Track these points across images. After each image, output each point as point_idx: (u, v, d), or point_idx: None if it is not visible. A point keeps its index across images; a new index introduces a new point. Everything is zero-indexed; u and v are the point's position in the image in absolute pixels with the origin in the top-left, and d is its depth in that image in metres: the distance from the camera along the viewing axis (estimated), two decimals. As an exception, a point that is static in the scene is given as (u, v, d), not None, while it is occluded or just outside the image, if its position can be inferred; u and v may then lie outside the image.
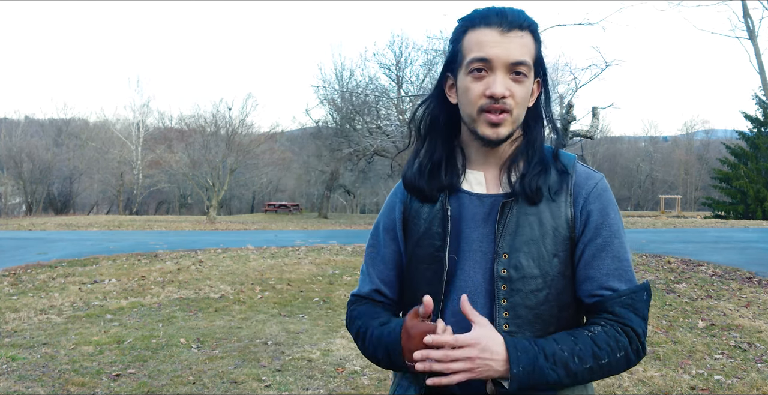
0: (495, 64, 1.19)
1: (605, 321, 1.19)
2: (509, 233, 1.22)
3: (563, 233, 1.23)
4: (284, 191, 52.27)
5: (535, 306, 1.21)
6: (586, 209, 1.24)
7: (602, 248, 1.23)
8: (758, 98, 32.23)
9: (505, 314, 1.21)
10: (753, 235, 16.27)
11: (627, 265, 1.24)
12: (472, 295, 1.23)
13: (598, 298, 1.21)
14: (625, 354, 1.17)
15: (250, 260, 10.83)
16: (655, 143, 60.43)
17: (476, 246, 1.25)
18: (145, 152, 42.63)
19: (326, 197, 34.99)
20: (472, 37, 1.22)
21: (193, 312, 6.67)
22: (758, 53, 13.03)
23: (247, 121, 34.21)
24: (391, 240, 1.37)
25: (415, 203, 1.33)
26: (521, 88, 1.20)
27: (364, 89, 25.04)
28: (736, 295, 7.40)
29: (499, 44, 1.18)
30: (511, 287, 1.21)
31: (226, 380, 4.31)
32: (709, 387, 4.16)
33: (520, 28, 1.20)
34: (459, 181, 1.30)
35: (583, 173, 1.29)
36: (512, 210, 1.23)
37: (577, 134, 7.66)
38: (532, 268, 1.21)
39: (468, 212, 1.27)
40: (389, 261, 1.37)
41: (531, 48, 1.22)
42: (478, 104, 1.20)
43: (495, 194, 1.27)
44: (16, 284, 8.34)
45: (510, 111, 1.20)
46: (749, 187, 32.13)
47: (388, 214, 1.38)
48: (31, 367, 4.59)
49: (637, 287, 1.22)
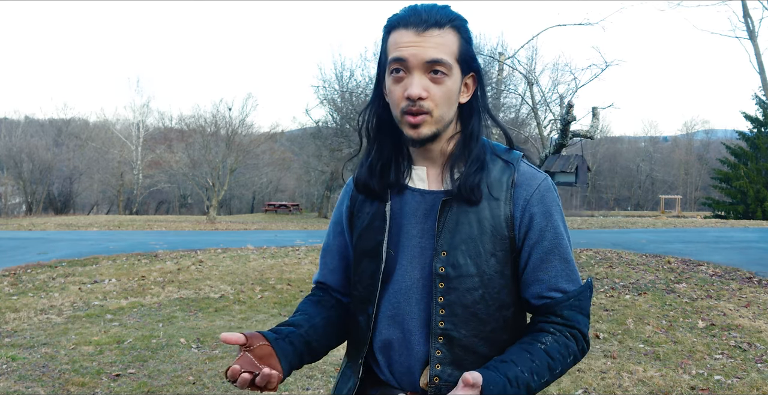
0: (411, 65, 1.18)
1: (554, 327, 1.23)
2: (449, 231, 1.23)
3: (502, 233, 1.23)
4: (284, 191, 52.24)
5: (471, 304, 1.22)
6: (529, 212, 1.24)
7: (550, 251, 1.24)
8: (758, 98, 32.19)
9: (441, 311, 1.22)
10: (753, 235, 16.27)
11: (572, 265, 1.27)
12: (408, 290, 1.25)
13: (547, 300, 1.24)
14: (573, 357, 1.23)
15: (250, 260, 10.83)
16: (655, 143, 60.43)
17: (415, 242, 1.26)
18: (145, 152, 42.63)
19: (326, 197, 34.98)
20: (392, 39, 1.22)
21: (193, 312, 6.67)
22: (758, 53, 13.06)
23: (247, 121, 34.22)
24: (338, 233, 1.41)
25: (360, 197, 1.36)
26: (440, 88, 1.19)
27: (364, 89, 25.02)
28: (736, 295, 7.40)
29: (413, 44, 1.18)
30: (449, 285, 1.21)
31: (226, 380, 4.31)
32: (709, 387, 4.16)
33: (437, 26, 1.18)
34: (404, 177, 1.31)
35: (526, 172, 1.28)
36: (452, 208, 1.24)
37: (577, 134, 7.66)
38: (469, 266, 1.21)
39: (409, 207, 1.29)
40: (335, 253, 1.42)
41: (452, 45, 1.20)
42: (399, 106, 1.21)
43: (437, 190, 1.28)
44: (16, 284, 8.34)
45: (429, 112, 1.20)
46: (749, 187, 32.11)
47: (338, 208, 1.43)
48: (31, 367, 4.59)
49: (582, 288, 1.26)
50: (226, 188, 30.26)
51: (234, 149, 29.69)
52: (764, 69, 12.94)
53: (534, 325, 1.26)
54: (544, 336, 1.22)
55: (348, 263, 1.41)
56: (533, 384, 1.16)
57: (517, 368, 1.16)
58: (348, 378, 1.35)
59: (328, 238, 1.45)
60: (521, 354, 1.18)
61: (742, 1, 13.23)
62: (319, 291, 1.45)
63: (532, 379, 1.16)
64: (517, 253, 1.26)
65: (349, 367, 1.36)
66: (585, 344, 1.25)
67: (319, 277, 1.46)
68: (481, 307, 1.23)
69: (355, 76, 28.35)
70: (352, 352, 1.36)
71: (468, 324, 1.22)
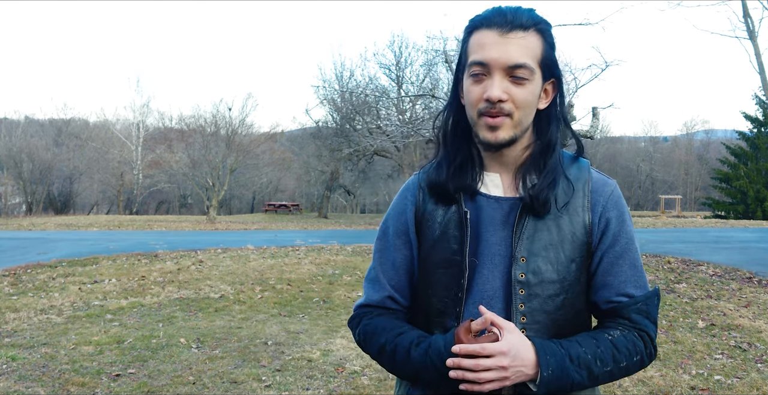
0: (492, 67, 1.16)
1: (623, 326, 1.22)
2: (527, 238, 1.20)
3: (581, 239, 1.22)
4: (284, 191, 52.23)
5: (553, 310, 1.20)
6: (605, 217, 1.24)
7: (620, 256, 1.24)
8: (758, 98, 32.19)
9: (522, 318, 1.19)
10: (753, 235, 16.27)
11: (641, 272, 1.26)
12: (490, 299, 1.21)
13: (615, 304, 1.23)
14: (640, 357, 1.21)
15: (250, 260, 10.83)
16: (655, 143, 60.38)
17: (495, 250, 1.22)
18: (145, 152, 42.61)
19: (326, 197, 34.97)
20: (474, 39, 1.19)
21: (193, 312, 6.67)
22: (758, 53, 13.03)
23: (247, 121, 34.23)
24: (402, 245, 1.32)
25: (429, 206, 1.29)
26: (522, 91, 1.17)
27: (364, 89, 25.03)
28: (736, 295, 7.40)
29: (496, 46, 1.15)
30: (529, 291, 1.19)
31: (226, 380, 4.31)
32: (709, 387, 4.16)
33: (522, 29, 1.16)
34: (476, 183, 1.27)
35: (599, 179, 1.27)
36: (531, 215, 1.22)
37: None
38: (550, 273, 1.20)
39: (486, 215, 1.24)
40: (400, 267, 1.32)
41: (535, 49, 1.18)
42: (477, 107, 1.18)
43: (512, 197, 1.25)
44: (16, 284, 8.34)
45: (510, 114, 1.17)
46: (749, 187, 32.10)
47: (398, 217, 1.33)
48: (31, 367, 4.59)
49: (650, 294, 1.24)
50: (226, 188, 30.26)
51: (234, 149, 29.69)
52: (764, 69, 12.93)
53: (602, 325, 1.26)
54: (612, 330, 1.21)
55: (413, 279, 1.32)
56: (595, 368, 1.14)
57: (581, 348, 1.15)
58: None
59: (387, 250, 1.33)
60: (587, 339, 1.18)
61: (742, 1, 13.22)
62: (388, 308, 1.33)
63: (594, 363, 1.14)
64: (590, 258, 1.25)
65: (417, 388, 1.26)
66: (653, 348, 1.23)
67: (384, 293, 1.32)
68: (561, 314, 1.21)
69: (355, 76, 28.44)
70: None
71: (549, 331, 1.20)
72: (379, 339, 1.26)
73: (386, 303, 1.32)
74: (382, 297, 1.32)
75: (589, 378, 1.15)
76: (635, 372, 1.22)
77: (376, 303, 1.33)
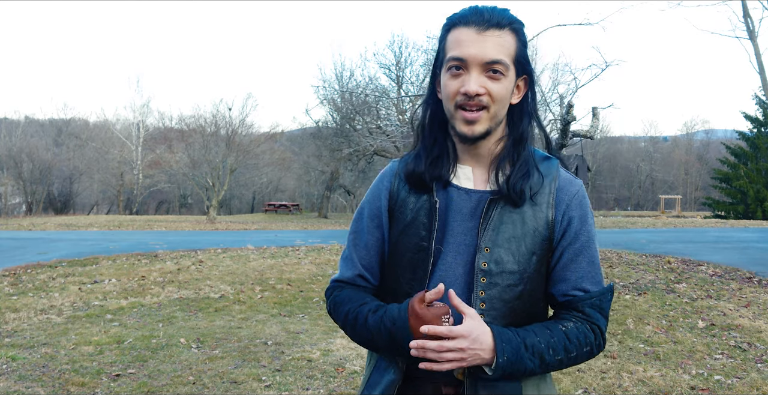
0: (470, 63, 1.23)
1: (576, 319, 1.30)
2: (492, 229, 1.28)
3: (543, 234, 1.29)
4: (284, 191, 52.23)
5: (511, 299, 1.28)
6: (568, 215, 1.31)
7: (579, 253, 1.31)
8: (758, 98, 32.19)
9: (481, 305, 1.27)
10: (753, 235, 16.27)
11: (599, 269, 1.34)
12: (451, 285, 1.28)
13: (571, 298, 1.31)
14: (590, 348, 1.29)
15: (250, 260, 10.83)
16: (655, 143, 60.39)
17: (460, 239, 1.30)
18: (145, 152, 42.61)
19: (326, 197, 34.97)
20: (452, 36, 1.27)
21: (193, 312, 6.67)
22: (758, 53, 13.05)
23: (247, 121, 34.22)
24: (375, 227, 1.40)
25: (402, 193, 1.37)
26: (498, 86, 1.24)
27: (364, 89, 25.02)
28: (736, 295, 7.40)
29: (474, 43, 1.23)
30: (490, 280, 1.27)
31: (226, 380, 4.31)
32: (709, 387, 4.16)
33: (497, 27, 1.24)
34: (449, 175, 1.34)
35: (566, 178, 1.34)
36: (498, 207, 1.29)
37: (577, 134, 7.66)
38: (511, 264, 1.27)
39: (455, 205, 1.32)
40: (371, 248, 1.40)
41: (510, 47, 1.25)
42: (454, 101, 1.25)
43: (482, 190, 1.33)
44: (16, 284, 8.34)
45: (486, 107, 1.24)
46: (749, 187, 32.10)
47: (373, 202, 1.41)
48: (31, 367, 4.59)
49: (605, 290, 1.33)
50: (226, 188, 30.25)
51: (234, 149, 29.68)
52: (764, 69, 12.94)
53: (556, 316, 1.34)
54: (566, 322, 1.29)
55: (383, 260, 1.40)
56: (547, 357, 1.22)
57: (536, 337, 1.23)
58: (383, 370, 1.34)
59: (361, 232, 1.41)
60: (542, 329, 1.26)
61: (742, 1, 13.22)
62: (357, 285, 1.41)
63: (547, 352, 1.22)
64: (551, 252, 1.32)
65: (384, 359, 1.34)
66: (602, 340, 1.31)
67: (355, 271, 1.41)
68: (518, 303, 1.29)
69: (355, 76, 28.36)
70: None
71: (506, 318, 1.28)
72: (344, 307, 1.36)
73: (356, 281, 1.41)
74: (353, 274, 1.41)
75: (540, 366, 1.22)
76: (583, 361, 1.31)
77: (348, 280, 1.42)
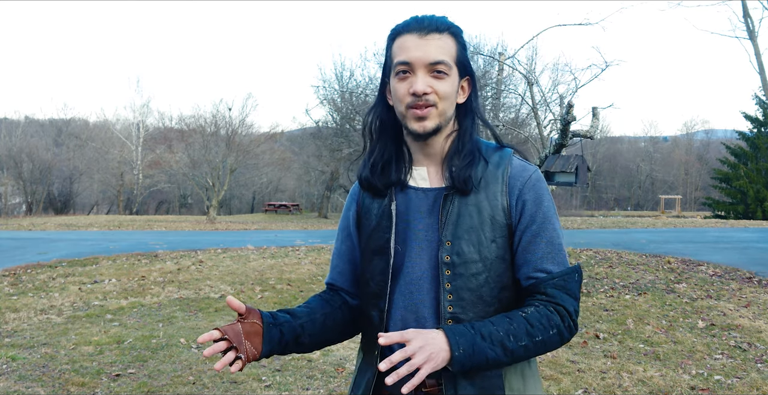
0: (416, 65, 1.31)
1: (539, 302, 1.31)
2: (452, 223, 1.34)
3: (500, 221, 1.35)
4: (284, 191, 52.23)
5: (477, 288, 1.32)
6: (522, 199, 1.36)
7: (536, 234, 1.34)
8: (758, 98, 32.17)
9: (449, 296, 1.31)
10: (753, 235, 16.26)
11: (560, 249, 1.36)
12: (418, 280, 1.35)
13: (533, 280, 1.33)
14: (557, 331, 1.29)
15: (250, 260, 10.83)
16: (655, 143, 60.41)
17: (422, 236, 1.36)
18: (145, 152, 42.61)
19: (326, 197, 34.97)
20: (397, 44, 1.36)
21: (193, 312, 6.67)
22: (758, 53, 13.06)
23: (247, 121, 34.25)
24: (345, 238, 1.52)
25: (366, 201, 1.46)
26: (443, 84, 1.32)
27: (364, 89, 25.01)
28: (736, 295, 7.40)
29: (418, 47, 1.32)
30: (454, 271, 1.32)
31: (226, 380, 4.31)
32: (709, 387, 4.16)
33: (437, 32, 1.33)
34: (406, 177, 1.41)
35: (519, 166, 1.39)
36: (453, 201, 1.35)
37: (577, 134, 7.65)
38: (472, 253, 1.32)
39: (414, 205, 1.39)
40: (344, 256, 1.52)
41: (450, 49, 1.34)
42: (405, 102, 1.33)
43: (438, 187, 1.39)
44: (16, 284, 8.34)
45: (434, 105, 1.32)
46: (749, 187, 32.10)
47: (345, 212, 1.53)
48: (31, 367, 4.59)
49: (569, 270, 1.34)
50: (226, 188, 30.26)
51: (234, 149, 29.68)
52: (764, 69, 12.94)
53: (522, 304, 1.36)
54: (526, 308, 1.31)
55: (356, 267, 1.51)
56: (509, 344, 1.24)
57: (493, 327, 1.25)
58: (365, 371, 1.43)
59: (337, 243, 1.55)
60: (500, 318, 1.29)
61: (742, 1, 13.23)
62: (329, 291, 1.55)
63: (507, 339, 1.24)
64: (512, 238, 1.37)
65: (365, 361, 1.44)
66: (572, 322, 1.31)
67: (329, 279, 1.56)
68: (485, 290, 1.32)
69: (355, 76, 28.34)
70: (367, 348, 1.45)
71: (475, 306, 1.32)
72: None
73: (332, 286, 1.55)
74: (329, 280, 1.55)
75: (505, 354, 1.24)
76: (556, 346, 1.31)
77: (327, 284, 1.56)
